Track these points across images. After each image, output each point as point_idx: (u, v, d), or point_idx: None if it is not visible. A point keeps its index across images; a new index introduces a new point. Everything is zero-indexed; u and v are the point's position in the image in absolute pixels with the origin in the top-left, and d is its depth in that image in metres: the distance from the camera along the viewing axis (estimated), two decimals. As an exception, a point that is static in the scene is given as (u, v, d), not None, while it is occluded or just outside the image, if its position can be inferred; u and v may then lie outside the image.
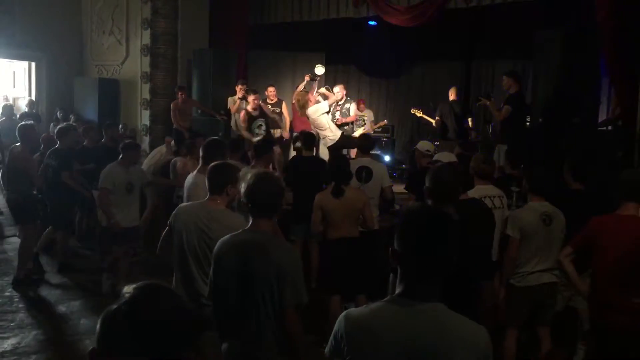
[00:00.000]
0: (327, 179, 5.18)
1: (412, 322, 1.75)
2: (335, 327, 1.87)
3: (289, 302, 2.65)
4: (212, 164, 3.76)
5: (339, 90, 9.38)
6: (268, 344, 2.69)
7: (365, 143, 6.37)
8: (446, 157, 5.26)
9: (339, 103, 9.36)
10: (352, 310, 1.90)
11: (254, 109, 8.75)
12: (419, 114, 10.26)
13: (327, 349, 1.92)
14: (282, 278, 2.63)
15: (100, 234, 6.49)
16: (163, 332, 1.16)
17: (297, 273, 2.70)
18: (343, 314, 1.88)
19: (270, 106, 9.48)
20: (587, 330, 4.12)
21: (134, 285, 1.23)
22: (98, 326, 1.19)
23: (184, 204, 3.69)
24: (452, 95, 9.53)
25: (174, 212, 3.65)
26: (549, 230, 4.14)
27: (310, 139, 6.86)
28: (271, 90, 9.71)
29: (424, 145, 6.07)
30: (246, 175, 2.87)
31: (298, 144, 7.44)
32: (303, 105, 8.62)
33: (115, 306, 1.18)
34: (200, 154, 4.71)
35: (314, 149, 7.60)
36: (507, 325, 4.24)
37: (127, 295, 1.19)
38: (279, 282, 2.63)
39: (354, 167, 5.58)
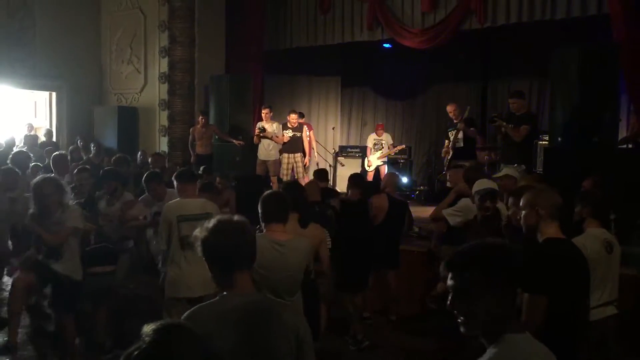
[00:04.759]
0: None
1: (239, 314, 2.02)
2: None
3: None
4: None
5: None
6: None
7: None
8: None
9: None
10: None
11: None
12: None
13: None
14: (300, 348, 2.17)
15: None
16: None
17: (311, 339, 2.24)
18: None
19: (290, 131, 9.88)
20: None
21: (153, 326, 1.21)
22: None
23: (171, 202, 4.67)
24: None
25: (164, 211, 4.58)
26: (611, 258, 3.75)
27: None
28: (293, 117, 9.98)
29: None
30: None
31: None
32: None
33: (137, 350, 1.17)
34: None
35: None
36: None
37: (147, 338, 1.18)
38: (299, 354, 2.17)
39: None
